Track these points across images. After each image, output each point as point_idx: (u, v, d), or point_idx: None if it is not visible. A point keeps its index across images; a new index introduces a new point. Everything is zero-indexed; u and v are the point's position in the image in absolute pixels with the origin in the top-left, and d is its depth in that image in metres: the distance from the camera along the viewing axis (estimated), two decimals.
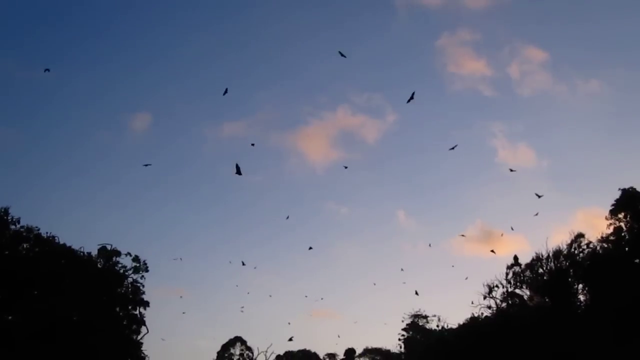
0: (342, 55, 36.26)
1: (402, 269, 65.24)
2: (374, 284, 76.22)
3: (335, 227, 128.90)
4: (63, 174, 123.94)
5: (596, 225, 48.08)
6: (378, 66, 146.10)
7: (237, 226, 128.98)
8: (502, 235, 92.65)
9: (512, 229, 78.80)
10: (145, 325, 51.72)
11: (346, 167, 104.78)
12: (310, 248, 57.97)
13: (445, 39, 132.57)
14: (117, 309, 50.73)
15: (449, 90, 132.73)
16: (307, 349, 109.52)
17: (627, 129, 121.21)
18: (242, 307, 78.80)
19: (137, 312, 51.79)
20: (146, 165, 52.51)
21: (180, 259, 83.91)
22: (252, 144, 54.64)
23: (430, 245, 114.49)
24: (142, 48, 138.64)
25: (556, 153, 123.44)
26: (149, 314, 52.24)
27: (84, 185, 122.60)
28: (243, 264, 59.51)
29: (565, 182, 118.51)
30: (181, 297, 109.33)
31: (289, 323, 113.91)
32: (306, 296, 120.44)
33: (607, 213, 49.79)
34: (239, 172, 34.52)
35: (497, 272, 56.77)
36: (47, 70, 43.81)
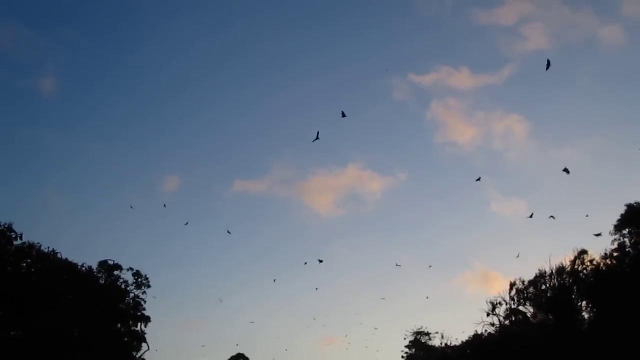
0: (343, 115, 38.14)
1: (430, 266, 65.28)
2: (383, 299, 78.95)
3: (341, 266, 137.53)
4: (119, 233, 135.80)
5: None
6: (380, 131, 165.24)
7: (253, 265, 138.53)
8: None
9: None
10: (146, 342, 51.72)
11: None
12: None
13: (437, 110, 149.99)
14: (119, 325, 50.79)
15: (443, 151, 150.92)
16: None
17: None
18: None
19: (139, 328, 51.85)
20: None
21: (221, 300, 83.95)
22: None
23: (430, 266, 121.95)
24: (179, 130, 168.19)
25: (546, 205, 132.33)
26: (151, 330, 52.40)
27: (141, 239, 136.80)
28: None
29: (556, 229, 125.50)
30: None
31: (286, 350, 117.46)
32: (314, 318, 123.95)
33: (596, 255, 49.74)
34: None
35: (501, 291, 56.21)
36: None
